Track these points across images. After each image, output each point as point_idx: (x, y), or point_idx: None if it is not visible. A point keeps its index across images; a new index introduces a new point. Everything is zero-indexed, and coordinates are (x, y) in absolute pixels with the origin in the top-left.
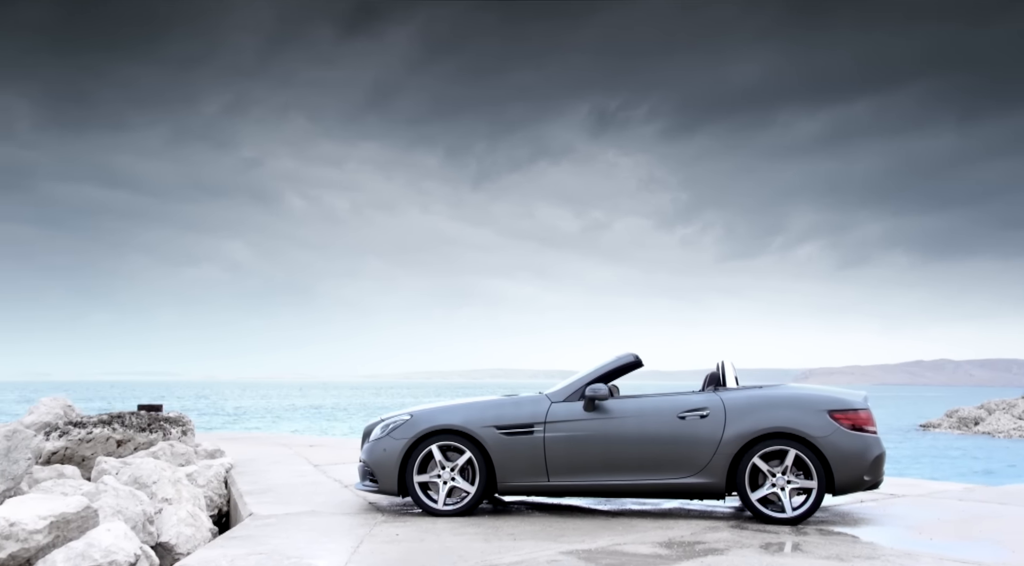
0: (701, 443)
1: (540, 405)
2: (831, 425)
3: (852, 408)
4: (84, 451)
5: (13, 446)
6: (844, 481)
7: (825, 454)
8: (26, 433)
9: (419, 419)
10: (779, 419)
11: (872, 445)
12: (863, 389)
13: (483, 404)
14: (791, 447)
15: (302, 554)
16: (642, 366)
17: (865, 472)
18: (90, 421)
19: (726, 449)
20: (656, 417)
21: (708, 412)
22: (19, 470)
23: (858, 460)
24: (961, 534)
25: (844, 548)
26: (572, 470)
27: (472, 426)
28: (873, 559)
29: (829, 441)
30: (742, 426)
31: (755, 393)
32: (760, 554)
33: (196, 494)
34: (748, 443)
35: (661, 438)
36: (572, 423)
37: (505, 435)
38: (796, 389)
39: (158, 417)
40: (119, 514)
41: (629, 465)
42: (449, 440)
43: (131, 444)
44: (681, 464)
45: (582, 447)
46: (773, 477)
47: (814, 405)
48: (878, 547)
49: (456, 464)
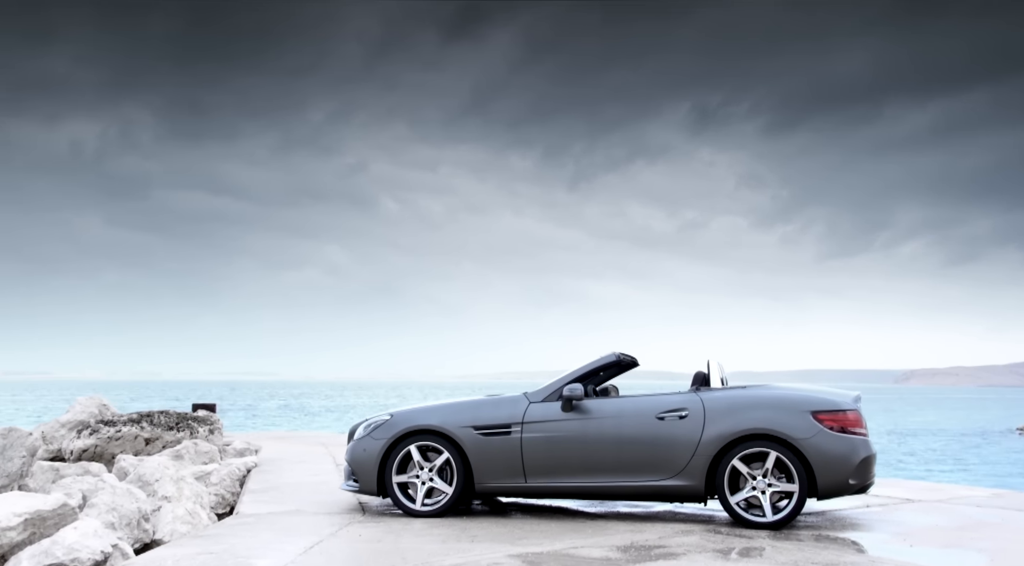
0: (679, 444)
1: (518, 405)
2: (814, 426)
3: (837, 409)
4: (113, 448)
5: (8, 444)
6: (828, 484)
7: (807, 456)
8: (21, 432)
9: (398, 419)
10: (759, 420)
11: (858, 447)
12: (968, 391)
13: (462, 404)
14: (772, 449)
15: (250, 554)
16: (634, 366)
17: (850, 475)
18: (120, 420)
19: (705, 451)
20: (634, 418)
21: (687, 413)
22: (13, 468)
23: (842, 463)
24: (948, 542)
25: (806, 554)
26: (549, 471)
27: (449, 426)
28: None
29: (811, 443)
30: (721, 427)
31: (736, 393)
32: (713, 559)
33: (200, 492)
34: (727, 445)
35: (639, 439)
36: (549, 424)
37: (482, 435)
38: (779, 389)
39: (186, 416)
40: (113, 511)
41: (607, 467)
42: (427, 440)
43: (159, 442)
44: (659, 466)
45: (559, 448)
46: (753, 480)
47: (796, 406)
48: (844, 554)
49: (434, 464)
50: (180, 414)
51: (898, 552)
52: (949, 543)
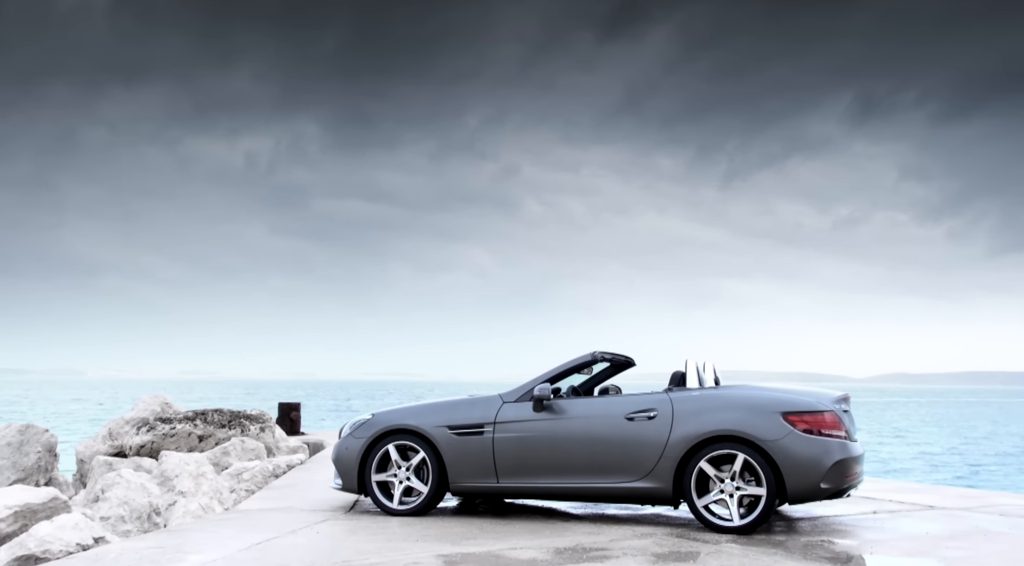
0: (647, 446)
1: (491, 406)
2: (784, 428)
3: (810, 410)
4: (168, 445)
5: (25, 440)
6: (797, 488)
7: (775, 459)
8: (37, 429)
9: (378, 419)
10: (727, 421)
11: (832, 450)
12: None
13: (439, 404)
14: (739, 451)
15: (193, 549)
16: (629, 365)
17: (822, 479)
18: (176, 418)
19: (672, 452)
20: (603, 419)
21: (656, 413)
22: (29, 462)
23: (813, 466)
24: (915, 550)
25: (744, 561)
26: (520, 472)
27: (425, 426)
28: None
29: (780, 445)
30: (689, 428)
31: (706, 394)
32: (642, 563)
33: (219, 488)
34: (695, 446)
35: (607, 440)
36: (521, 424)
37: (457, 435)
38: (751, 389)
39: (239, 415)
40: (125, 504)
41: (576, 468)
42: (405, 440)
43: (212, 439)
44: (627, 467)
45: (530, 448)
46: (721, 483)
47: (767, 407)
48: (782, 561)
49: (411, 464)
50: (234, 412)
51: (849, 560)
52: (915, 552)
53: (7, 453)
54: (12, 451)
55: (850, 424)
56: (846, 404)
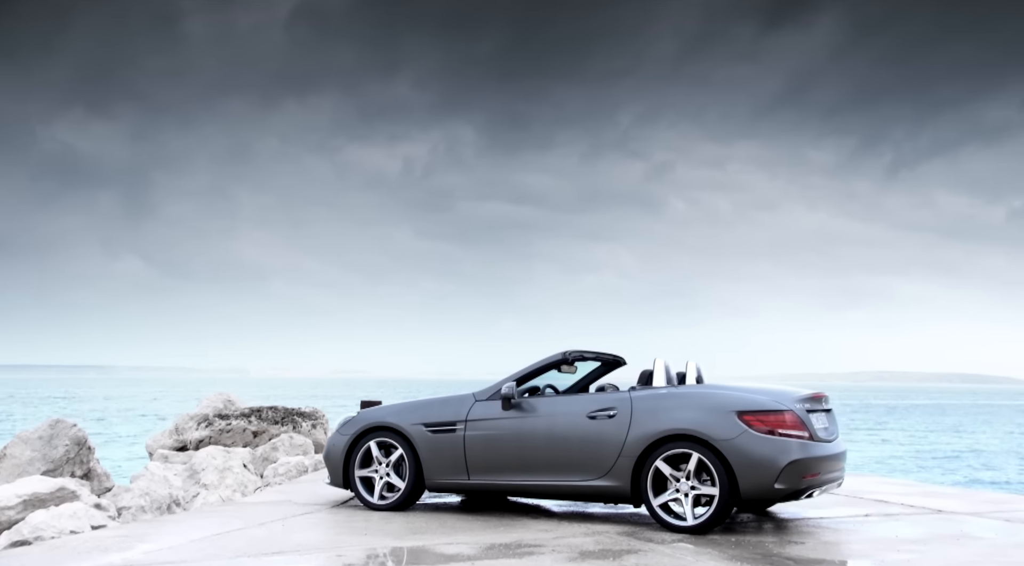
0: (607, 444)
1: (464, 404)
2: (738, 427)
3: (767, 410)
4: (225, 440)
5: (55, 434)
6: (750, 488)
7: (728, 459)
8: (66, 424)
9: (362, 416)
10: (681, 420)
11: (789, 450)
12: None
13: (418, 402)
14: (694, 450)
15: (156, 537)
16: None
17: (775, 479)
18: (234, 414)
19: (630, 451)
20: (566, 417)
21: (616, 412)
22: (57, 454)
23: (766, 466)
24: (860, 553)
25: (665, 560)
26: (489, 469)
27: (403, 424)
28: None
29: (733, 445)
30: (645, 427)
31: (666, 393)
32: (563, 561)
33: (244, 481)
34: (651, 445)
35: (569, 438)
36: (490, 422)
37: (432, 433)
38: (710, 389)
39: (292, 412)
40: (146, 495)
41: (540, 465)
42: (385, 437)
43: (265, 435)
44: (588, 466)
45: (497, 446)
46: (677, 482)
47: (722, 406)
48: (707, 561)
49: (390, 460)
50: (287, 410)
51: (776, 561)
52: (858, 554)
53: (39, 446)
54: (43, 444)
55: (824, 423)
56: (816, 403)
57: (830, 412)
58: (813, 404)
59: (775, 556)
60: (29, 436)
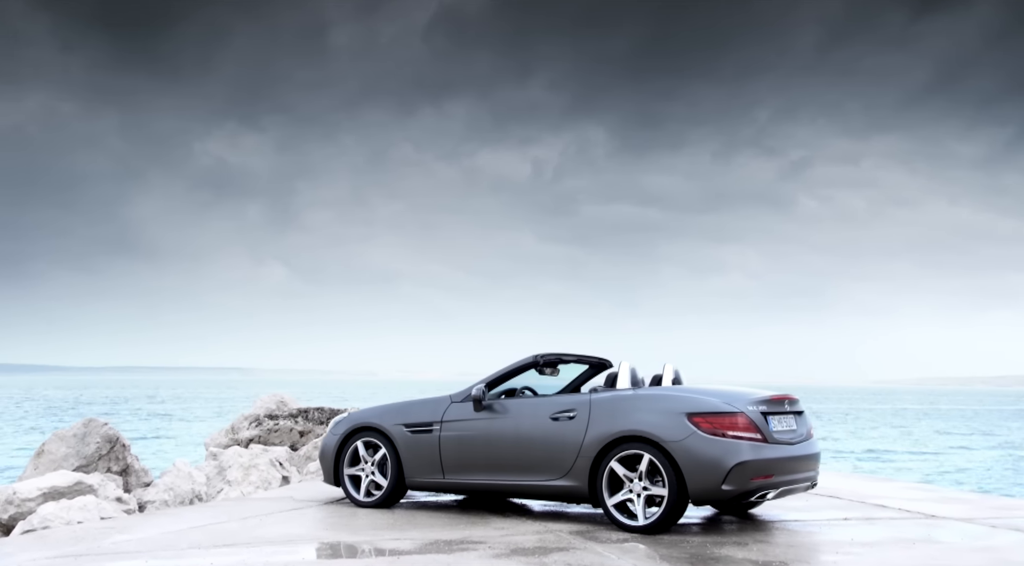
0: (566, 445)
1: (440, 405)
2: (687, 429)
3: (716, 412)
4: (273, 439)
5: (87, 432)
6: (698, 489)
7: (676, 460)
8: (98, 423)
9: (351, 417)
10: (634, 422)
11: (738, 451)
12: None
13: (401, 404)
14: (645, 452)
15: (142, 528)
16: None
17: (722, 481)
18: (282, 415)
19: (587, 452)
20: (531, 419)
21: (575, 414)
22: (89, 451)
23: (713, 468)
24: (797, 556)
25: (588, 557)
26: (462, 468)
27: (385, 424)
28: None
29: (681, 446)
30: (602, 429)
31: (623, 395)
32: (488, 558)
33: (269, 479)
34: (606, 446)
35: (532, 439)
36: (462, 423)
37: (411, 433)
38: (666, 391)
39: (336, 413)
40: (170, 490)
41: (507, 465)
42: (370, 437)
43: (311, 435)
44: (549, 466)
45: (469, 446)
46: (631, 483)
47: (674, 407)
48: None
49: (374, 460)
50: (332, 411)
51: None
52: (795, 556)
53: (73, 443)
54: (77, 441)
55: (788, 426)
56: (777, 406)
57: (800, 414)
58: (772, 406)
59: (705, 556)
60: (65, 434)
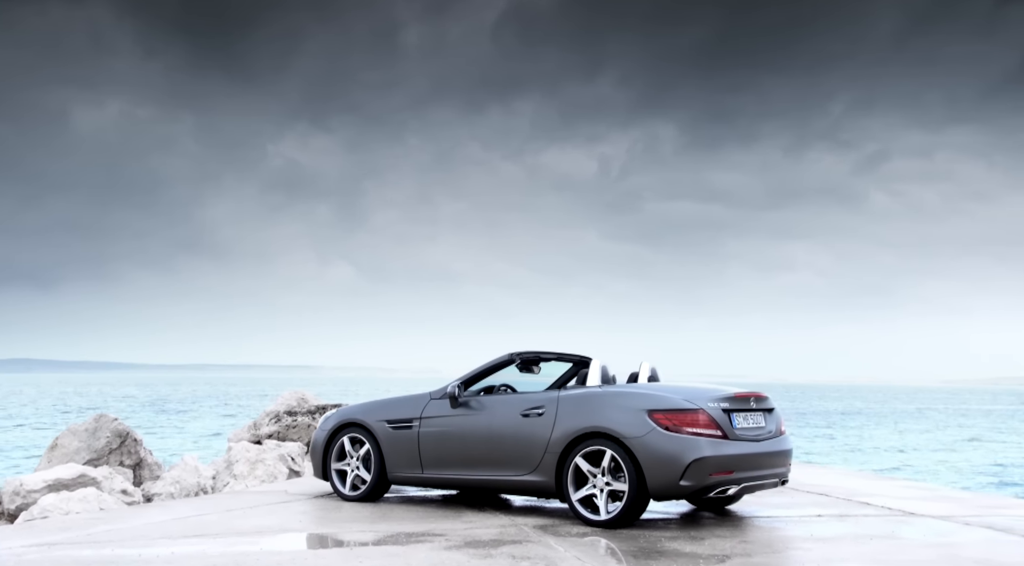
0: (535, 441)
1: (420, 402)
2: (647, 425)
3: (674, 408)
4: (291, 435)
5: (99, 427)
6: (657, 485)
7: (636, 456)
8: (108, 418)
9: (339, 413)
10: (597, 419)
11: (696, 448)
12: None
13: (385, 401)
14: (607, 448)
15: (126, 520)
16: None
17: (680, 476)
18: (300, 411)
19: (554, 448)
20: (502, 416)
21: (544, 410)
22: (99, 445)
23: (671, 463)
24: (743, 551)
25: (536, 549)
26: (439, 464)
27: (369, 420)
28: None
29: (641, 442)
30: (567, 425)
31: (589, 393)
32: (440, 550)
33: (275, 473)
34: (571, 443)
35: (504, 435)
36: (440, 419)
37: (393, 429)
38: (629, 388)
39: None
40: (176, 483)
41: (480, 461)
42: (355, 433)
43: None
44: (520, 461)
45: (445, 442)
46: (594, 478)
47: (635, 404)
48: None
49: (359, 455)
50: None
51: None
52: (741, 551)
53: (84, 437)
54: (88, 436)
55: (754, 423)
56: (742, 403)
57: (770, 412)
58: (737, 404)
59: (652, 549)
60: (77, 428)
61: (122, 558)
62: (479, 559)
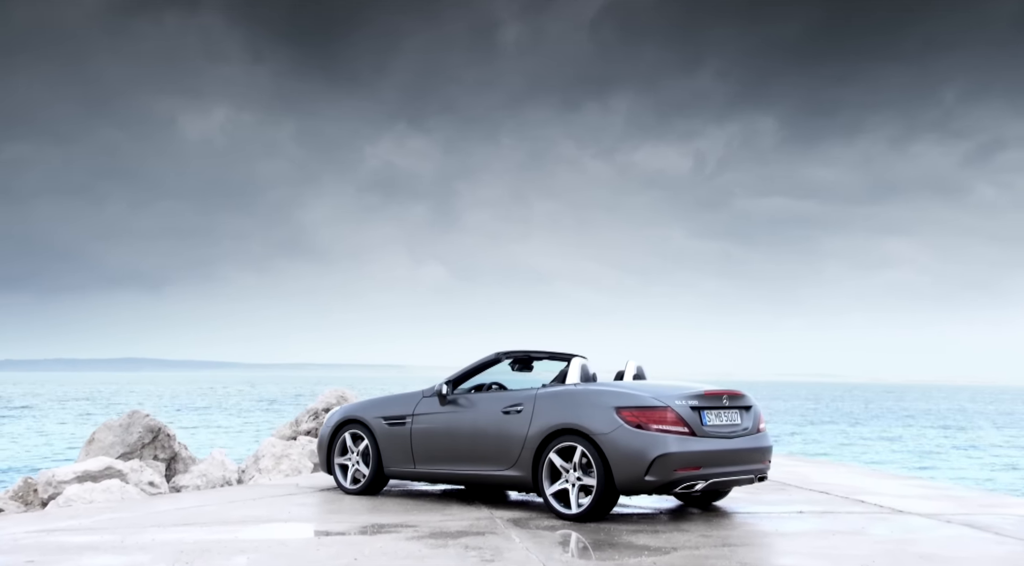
0: (513, 438)
1: (413, 399)
2: (614, 422)
3: (641, 405)
4: None
5: (132, 423)
6: (624, 480)
7: (604, 451)
8: (140, 414)
9: (341, 410)
10: (569, 416)
11: (660, 444)
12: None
13: (382, 398)
14: (578, 444)
15: (134, 510)
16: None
17: (645, 472)
18: None
19: (531, 444)
20: (486, 413)
21: (522, 408)
22: (132, 439)
23: (636, 459)
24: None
25: (496, 542)
26: (429, 459)
27: (367, 417)
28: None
29: (609, 438)
30: (542, 422)
31: (563, 390)
32: (408, 540)
33: (299, 467)
34: (546, 439)
35: (486, 432)
36: (430, 416)
37: (388, 425)
38: (601, 386)
39: None
40: (203, 476)
41: (465, 456)
42: (356, 428)
43: None
44: (500, 457)
45: (434, 438)
46: (567, 473)
47: (605, 402)
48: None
49: (358, 450)
50: None
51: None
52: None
53: (119, 432)
54: (122, 431)
55: (728, 420)
56: (714, 401)
57: (747, 409)
58: (707, 401)
59: (606, 542)
60: (112, 424)
61: (103, 544)
62: (431, 549)
